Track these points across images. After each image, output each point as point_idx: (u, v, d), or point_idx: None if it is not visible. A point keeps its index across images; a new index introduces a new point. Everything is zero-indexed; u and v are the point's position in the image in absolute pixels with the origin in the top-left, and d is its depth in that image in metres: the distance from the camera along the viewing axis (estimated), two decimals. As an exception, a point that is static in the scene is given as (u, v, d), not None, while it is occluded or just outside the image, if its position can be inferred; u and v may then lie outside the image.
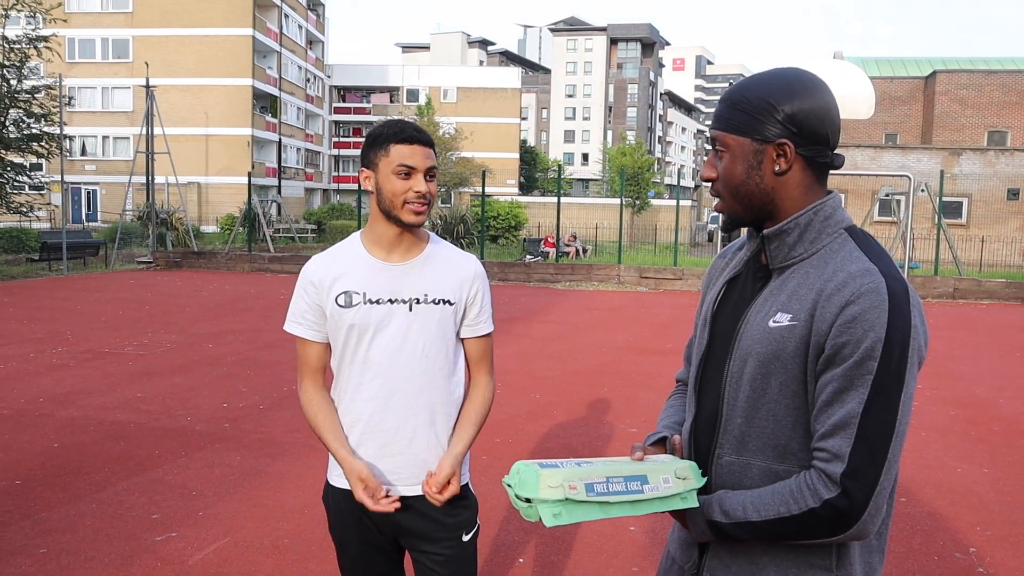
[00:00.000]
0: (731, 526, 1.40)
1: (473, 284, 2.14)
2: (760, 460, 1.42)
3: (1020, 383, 8.51)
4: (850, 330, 1.30)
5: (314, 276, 2.11)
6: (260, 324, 11.34)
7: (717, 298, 1.57)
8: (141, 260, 21.80)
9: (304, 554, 3.91)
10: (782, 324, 1.39)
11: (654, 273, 18.55)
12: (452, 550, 2.11)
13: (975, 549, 4.18)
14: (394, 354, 2.07)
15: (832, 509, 1.30)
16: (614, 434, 6.19)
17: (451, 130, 44.00)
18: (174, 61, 44.08)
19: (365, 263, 2.10)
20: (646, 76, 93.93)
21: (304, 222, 35.04)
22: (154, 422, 6.22)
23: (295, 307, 2.13)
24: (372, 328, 2.06)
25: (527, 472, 1.36)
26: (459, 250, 2.21)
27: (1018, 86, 33.46)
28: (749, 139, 1.43)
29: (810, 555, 1.40)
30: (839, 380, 1.31)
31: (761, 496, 1.38)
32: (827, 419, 1.33)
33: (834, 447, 1.31)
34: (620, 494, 1.36)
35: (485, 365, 2.21)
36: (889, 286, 1.32)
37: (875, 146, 28.86)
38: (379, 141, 2.03)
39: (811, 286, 1.38)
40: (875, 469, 1.30)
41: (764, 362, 1.40)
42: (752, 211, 1.47)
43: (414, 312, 2.07)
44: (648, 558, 3.98)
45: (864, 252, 1.39)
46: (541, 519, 1.31)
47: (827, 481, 1.31)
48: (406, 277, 2.09)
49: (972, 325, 13.17)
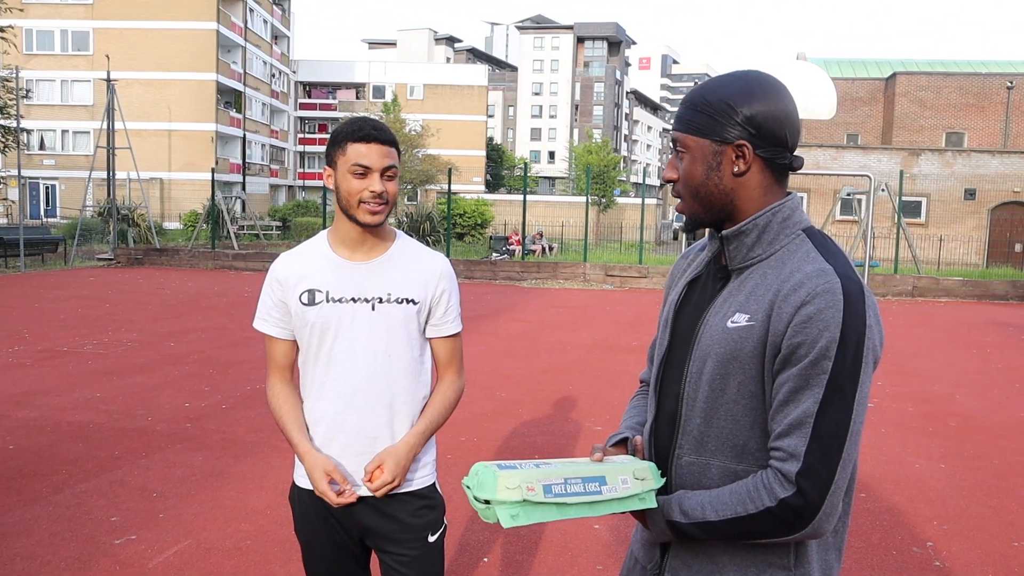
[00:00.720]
0: (690, 526, 1.40)
1: (439, 283, 2.11)
2: (719, 460, 1.43)
3: (976, 379, 8.69)
4: (805, 330, 1.32)
5: (280, 273, 2.11)
6: (224, 322, 11.21)
7: (678, 299, 1.58)
8: (102, 257, 21.42)
9: (267, 556, 3.87)
10: (740, 324, 1.40)
11: (619, 271, 18.65)
12: (417, 551, 2.10)
13: (932, 543, 4.26)
14: (357, 353, 2.05)
15: (788, 508, 1.32)
16: (580, 432, 6.21)
17: (417, 127, 43.81)
18: (136, 54, 43.35)
19: (329, 262, 2.09)
20: (612, 75, 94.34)
21: (269, 219, 34.68)
22: (114, 422, 6.12)
23: (262, 304, 2.14)
24: (334, 327, 2.05)
25: (485, 473, 1.36)
26: (426, 248, 2.18)
27: (975, 88, 34.17)
28: (709, 140, 1.44)
29: (769, 554, 1.41)
30: (795, 380, 1.33)
31: (719, 496, 1.39)
32: (783, 419, 1.34)
33: (789, 446, 1.32)
34: (578, 495, 1.36)
35: (454, 365, 2.19)
36: (844, 286, 1.33)
37: (837, 146, 29.30)
38: (338, 139, 2.02)
39: (768, 287, 1.40)
40: (830, 468, 1.31)
41: (722, 362, 1.41)
42: (712, 212, 1.48)
43: (377, 311, 2.05)
44: (612, 556, 4.00)
45: (821, 253, 1.41)
46: (499, 520, 1.31)
47: (783, 480, 1.32)
48: (369, 276, 2.07)
49: (930, 322, 13.42)
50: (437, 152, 44.88)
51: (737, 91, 1.42)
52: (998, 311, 15.48)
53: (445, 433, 5.86)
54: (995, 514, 4.71)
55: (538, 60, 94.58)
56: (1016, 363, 9.77)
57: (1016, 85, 33.77)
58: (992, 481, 5.32)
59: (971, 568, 3.98)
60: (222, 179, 41.04)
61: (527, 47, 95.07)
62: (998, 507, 4.83)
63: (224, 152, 46.75)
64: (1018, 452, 6.00)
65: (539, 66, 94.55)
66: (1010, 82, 33.76)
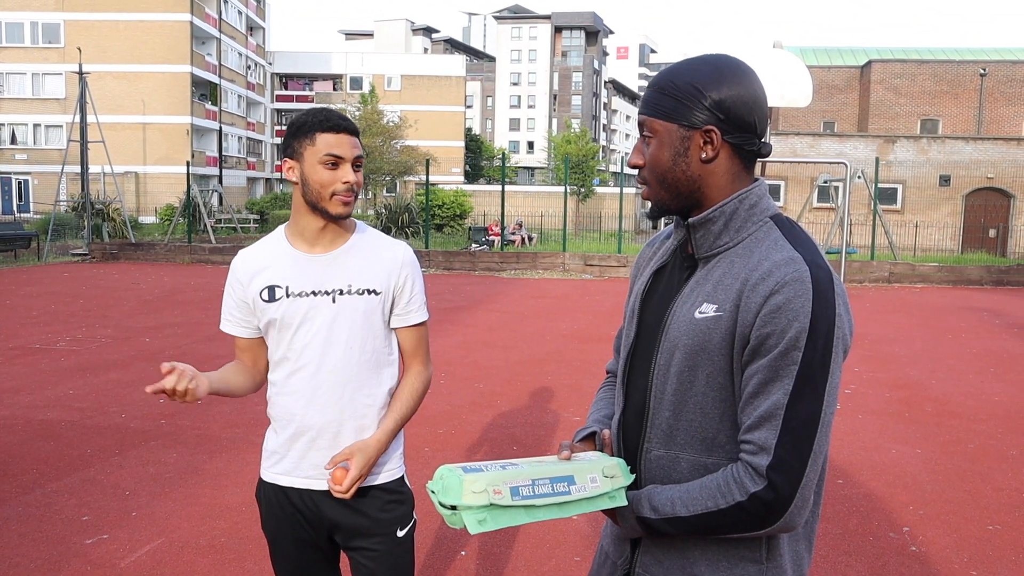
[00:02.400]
0: (660, 522, 1.38)
1: (401, 272, 2.07)
2: (688, 453, 1.40)
3: (951, 365, 8.76)
4: (774, 320, 1.29)
5: (238, 271, 2.09)
6: (200, 317, 11.09)
7: (644, 289, 1.55)
8: (76, 252, 21.15)
9: (242, 553, 3.82)
10: (708, 315, 1.37)
11: (599, 260, 18.66)
12: (386, 546, 2.07)
13: (908, 528, 4.29)
14: (318, 347, 2.02)
15: (759, 502, 1.29)
16: (559, 423, 6.20)
17: (395, 118, 43.56)
18: (108, 47, 42.74)
19: (288, 256, 2.05)
20: (590, 64, 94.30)
21: (246, 212, 34.37)
22: (87, 420, 6.03)
23: (224, 306, 2.12)
24: (296, 322, 2.02)
25: (450, 478, 1.32)
26: (387, 238, 2.14)
27: (948, 76, 34.43)
28: (676, 125, 1.40)
29: (740, 547, 1.39)
30: (764, 371, 1.30)
31: (689, 491, 1.36)
32: (752, 411, 1.31)
33: (760, 439, 1.30)
34: (546, 496, 1.33)
35: (420, 355, 2.15)
36: (813, 275, 1.30)
37: (814, 134, 29.44)
38: (304, 130, 1.97)
39: (736, 276, 1.36)
40: (801, 461, 1.28)
41: (690, 354, 1.38)
42: (678, 198, 1.44)
43: (338, 304, 2.02)
44: (590, 547, 3.99)
45: (789, 241, 1.37)
46: (466, 526, 1.27)
47: (753, 474, 1.30)
48: (329, 268, 2.03)
49: (907, 308, 13.53)
50: (415, 143, 44.68)
51: (706, 75, 1.38)
52: (973, 296, 15.63)
53: (422, 425, 5.83)
54: (970, 498, 4.75)
55: (516, 50, 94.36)
56: (991, 348, 9.87)
57: (989, 72, 34.06)
58: (967, 465, 5.36)
59: (947, 552, 4.00)
60: (198, 172, 40.63)
61: (505, 37, 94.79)
62: (973, 491, 4.87)
63: (200, 145, 46.27)
64: (992, 436, 6.05)
65: (517, 56, 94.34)
66: (983, 69, 34.05)
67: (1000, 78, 34.19)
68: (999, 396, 7.33)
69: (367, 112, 43.51)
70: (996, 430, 6.21)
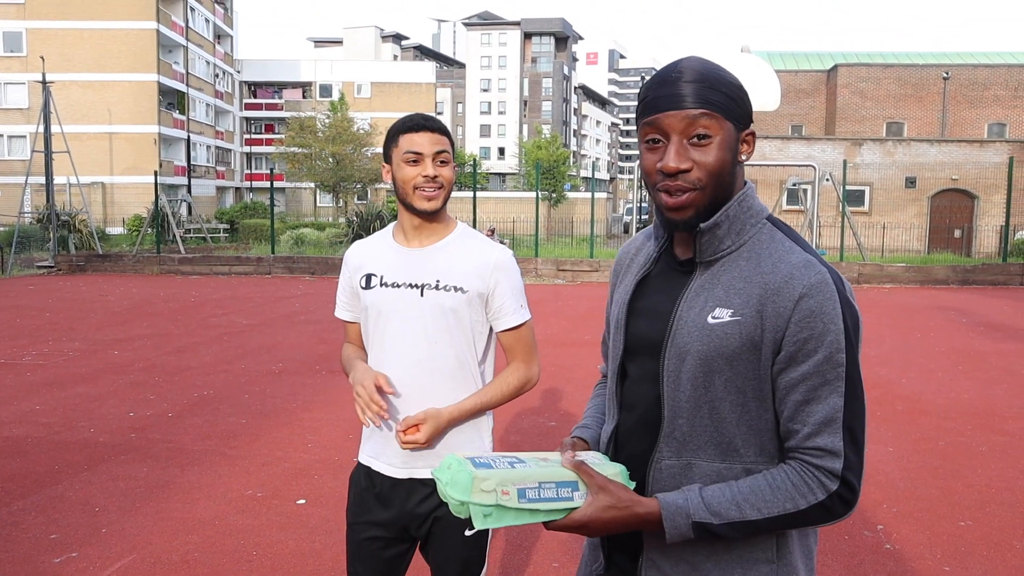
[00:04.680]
0: (725, 527, 1.32)
1: (492, 274, 2.11)
2: (702, 459, 1.38)
3: (921, 363, 8.88)
4: (811, 325, 1.30)
5: (350, 259, 2.25)
6: (169, 328, 10.94)
7: (628, 298, 1.51)
8: (41, 265, 20.80)
9: (216, 568, 3.76)
10: (723, 320, 1.35)
11: (571, 265, 18.70)
12: (456, 544, 2.12)
13: (882, 526, 4.32)
14: (405, 338, 2.09)
15: (839, 500, 1.33)
16: (534, 428, 6.19)
17: (366, 126, 43.42)
18: (72, 55, 42.15)
19: (388, 248, 2.19)
20: (560, 70, 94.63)
21: (216, 222, 34.05)
22: (54, 435, 5.92)
23: (339, 292, 2.29)
24: (386, 311, 2.11)
25: (460, 471, 1.34)
26: (487, 240, 2.19)
27: (912, 79, 35.01)
28: (733, 124, 1.37)
29: (752, 550, 1.37)
30: (813, 377, 1.32)
31: (755, 492, 1.32)
32: (808, 417, 1.32)
33: (828, 444, 1.32)
34: (551, 501, 1.34)
35: (519, 354, 2.19)
36: (832, 277, 1.34)
37: (782, 137, 29.79)
38: (391, 135, 2.13)
39: (749, 280, 1.35)
40: (861, 457, 1.34)
41: (705, 360, 1.36)
42: (717, 204, 1.39)
43: (425, 297, 2.08)
44: (568, 553, 3.98)
45: (795, 242, 1.40)
46: (471, 518, 1.31)
47: (829, 476, 1.32)
48: (422, 262, 2.11)
49: (876, 308, 13.70)
50: (386, 150, 44.48)
51: (733, 77, 1.38)
52: (940, 295, 15.87)
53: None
54: (942, 495, 4.80)
55: (486, 56, 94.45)
56: (958, 346, 10.01)
57: (952, 76, 34.69)
58: (938, 463, 5.42)
59: (920, 549, 4.04)
60: (167, 182, 40.17)
61: (474, 44, 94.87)
62: (945, 488, 4.92)
63: (168, 154, 45.75)
64: (962, 434, 6.13)
65: (487, 62, 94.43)
66: (946, 73, 34.66)
67: (962, 81, 34.84)
68: (968, 394, 7.44)
69: (337, 120, 43.33)
70: (965, 427, 6.30)
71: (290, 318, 12.10)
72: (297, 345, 9.78)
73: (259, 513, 4.45)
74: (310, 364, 8.63)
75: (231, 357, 8.96)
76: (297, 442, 5.77)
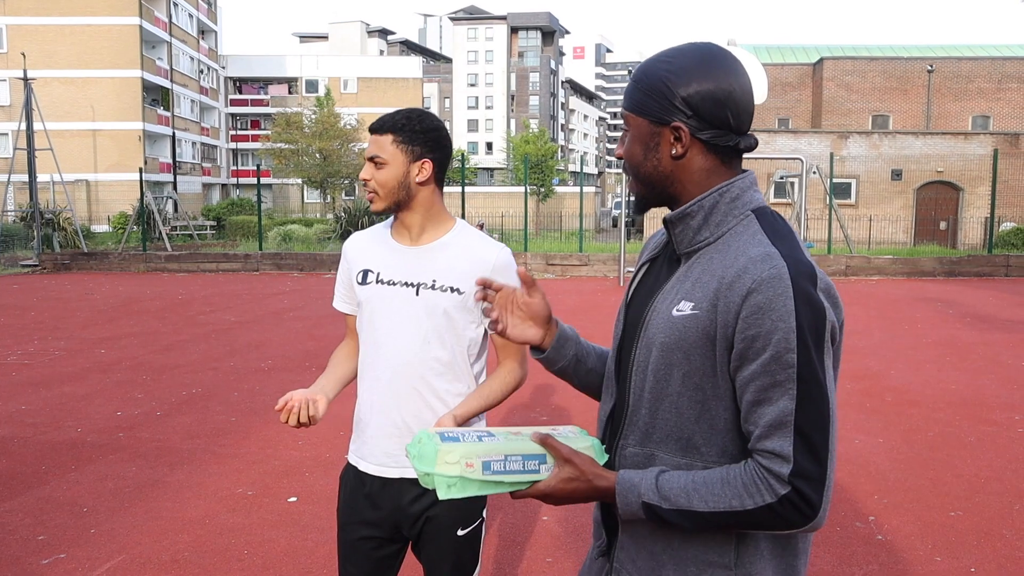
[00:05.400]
0: (672, 512, 1.30)
1: (490, 275, 2.01)
2: (664, 452, 1.37)
3: (909, 355, 8.92)
4: (758, 322, 1.24)
5: (348, 251, 2.22)
6: (157, 326, 10.86)
7: (634, 284, 1.53)
8: (25, 263, 20.61)
9: (205, 567, 3.73)
10: (684, 313, 1.33)
11: (560, 260, 18.69)
12: (447, 544, 2.10)
13: (874, 517, 4.34)
14: (398, 337, 2.06)
15: (789, 505, 1.25)
16: (525, 423, 6.17)
17: (353, 121, 43.25)
18: (54, 52, 41.77)
19: (385, 244, 2.15)
20: (547, 64, 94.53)
21: (202, 219, 33.83)
22: (41, 436, 5.86)
23: (337, 284, 2.26)
24: (381, 308, 2.08)
25: (428, 444, 1.38)
26: (486, 239, 2.13)
27: (897, 72, 35.18)
28: (646, 120, 1.38)
29: (709, 552, 1.34)
30: (762, 377, 1.25)
31: (707, 484, 1.29)
32: (758, 419, 1.27)
33: (776, 448, 1.25)
34: (516, 473, 1.36)
35: (511, 354, 2.14)
36: (791, 269, 1.25)
37: (769, 130, 29.84)
38: None
39: (713, 272, 1.32)
40: (820, 464, 1.25)
41: (666, 352, 1.34)
42: (654, 193, 1.43)
43: (420, 297, 2.05)
44: (562, 549, 3.97)
45: (768, 235, 1.32)
46: (436, 488, 1.34)
47: (777, 480, 1.25)
48: (418, 261, 2.08)
49: (864, 300, 13.76)
50: (373, 146, 44.34)
51: (678, 69, 1.34)
52: (927, 287, 15.96)
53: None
54: (932, 485, 4.82)
55: (472, 51, 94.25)
56: (946, 337, 10.07)
57: (936, 68, 34.86)
58: (928, 453, 5.45)
59: (911, 539, 4.05)
60: (152, 179, 39.90)
61: (461, 38, 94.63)
62: (935, 479, 4.94)
63: (153, 151, 45.44)
64: (950, 424, 6.16)
65: (474, 57, 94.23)
66: (930, 66, 34.83)
67: (947, 74, 35.02)
68: (955, 384, 7.48)
69: (323, 115, 43.16)
70: (954, 418, 6.33)
71: (279, 315, 12.04)
72: (286, 342, 9.73)
73: (250, 511, 4.42)
74: (299, 361, 8.59)
75: (219, 355, 8.91)
76: (287, 439, 5.73)
